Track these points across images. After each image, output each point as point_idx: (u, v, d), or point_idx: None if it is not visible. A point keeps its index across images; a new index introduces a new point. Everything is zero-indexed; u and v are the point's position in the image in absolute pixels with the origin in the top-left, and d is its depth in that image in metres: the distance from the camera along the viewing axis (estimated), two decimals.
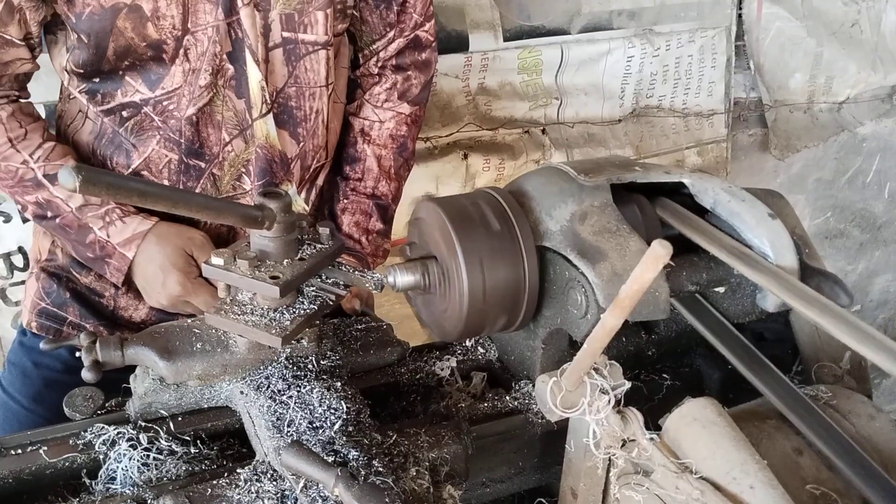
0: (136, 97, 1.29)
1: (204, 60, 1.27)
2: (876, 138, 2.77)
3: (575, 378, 0.84)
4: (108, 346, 0.95)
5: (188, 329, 0.98)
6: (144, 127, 1.31)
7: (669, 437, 0.84)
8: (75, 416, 0.96)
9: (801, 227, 1.04)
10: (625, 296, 0.72)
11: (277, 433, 0.87)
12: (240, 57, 1.29)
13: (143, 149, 1.32)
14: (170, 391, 0.96)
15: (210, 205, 0.86)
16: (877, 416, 0.91)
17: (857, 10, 2.52)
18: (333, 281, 0.99)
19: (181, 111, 1.29)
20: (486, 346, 1.16)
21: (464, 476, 0.94)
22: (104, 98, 1.29)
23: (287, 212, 0.92)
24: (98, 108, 1.30)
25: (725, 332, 0.97)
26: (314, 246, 0.97)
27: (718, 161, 2.49)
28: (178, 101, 1.29)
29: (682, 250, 1.00)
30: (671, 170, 1.07)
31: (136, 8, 1.21)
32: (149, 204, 0.79)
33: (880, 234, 2.98)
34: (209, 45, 1.26)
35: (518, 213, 0.98)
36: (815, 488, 0.82)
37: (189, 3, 1.23)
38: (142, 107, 1.29)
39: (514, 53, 2.12)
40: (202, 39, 1.26)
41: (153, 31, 1.23)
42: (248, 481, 0.85)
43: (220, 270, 0.92)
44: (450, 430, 0.95)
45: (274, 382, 0.94)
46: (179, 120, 1.30)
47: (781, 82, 2.52)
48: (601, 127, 2.30)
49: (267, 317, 0.92)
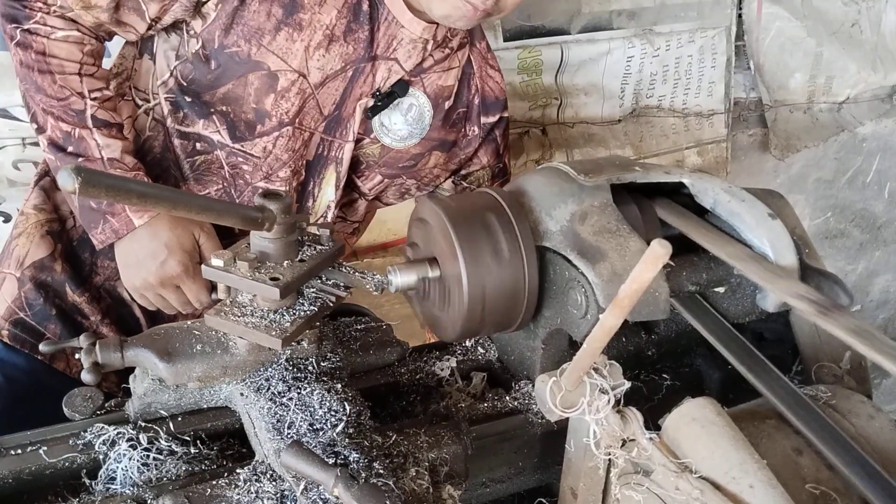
0: (216, 137, 1.31)
1: (287, 152, 1.33)
2: (876, 138, 2.77)
3: (575, 378, 0.84)
4: (107, 347, 0.94)
5: (188, 331, 0.97)
6: (213, 170, 1.34)
7: (669, 436, 0.84)
8: (74, 417, 0.96)
9: (801, 227, 1.04)
10: (624, 295, 0.72)
11: (278, 435, 0.87)
12: (318, 171, 1.38)
13: (200, 188, 1.34)
14: (169, 392, 0.96)
15: (211, 206, 0.86)
16: (877, 416, 0.91)
17: (857, 10, 2.52)
18: (334, 282, 0.99)
19: (253, 178, 1.34)
20: (486, 346, 1.16)
21: (463, 476, 0.94)
22: (184, 119, 1.31)
23: (287, 213, 0.91)
24: (176, 126, 1.32)
25: (725, 332, 0.97)
26: (314, 247, 0.97)
27: (718, 161, 2.49)
28: (254, 170, 1.33)
29: (682, 250, 1.00)
30: (671, 170, 1.07)
31: (273, 77, 1.26)
32: (149, 205, 0.79)
33: (880, 234, 2.97)
34: (299, 147, 1.33)
35: (518, 213, 0.98)
36: (814, 488, 0.82)
37: (309, 105, 1.30)
38: (216, 149, 1.32)
39: (514, 53, 2.11)
40: (298, 138, 1.32)
41: (268, 104, 1.28)
42: (247, 481, 0.85)
43: (219, 272, 0.91)
44: (449, 431, 0.95)
45: (274, 384, 0.94)
46: (247, 184, 1.34)
47: (781, 82, 2.52)
48: (601, 127, 2.30)
49: (267, 318, 0.92)
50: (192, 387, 0.96)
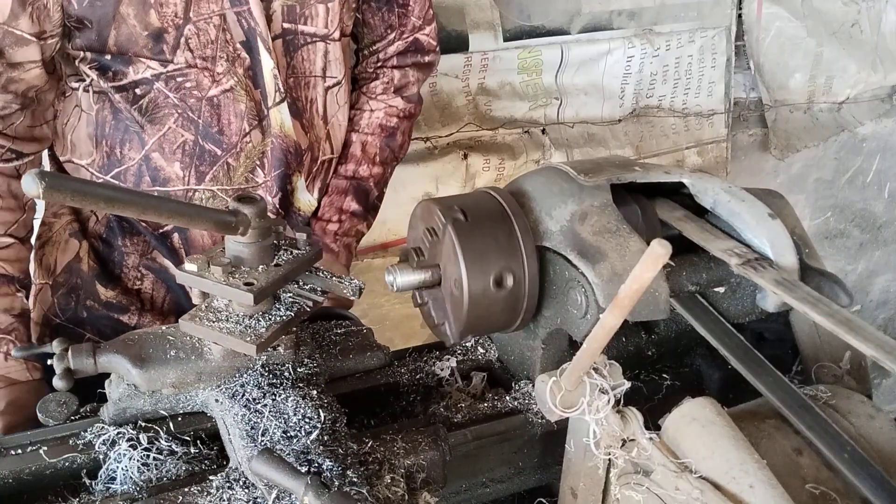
0: (148, 73, 1.27)
1: (216, 48, 1.27)
2: (876, 138, 2.77)
3: (575, 378, 0.84)
4: (80, 353, 0.92)
5: (162, 336, 0.95)
6: (160, 104, 1.29)
7: (669, 436, 0.84)
8: (48, 422, 0.95)
9: (801, 227, 1.04)
10: (624, 295, 0.72)
11: (251, 442, 0.85)
12: (253, 46, 1.30)
13: (159, 127, 1.30)
14: (144, 397, 0.94)
15: (181, 210, 0.83)
16: (876, 416, 0.91)
17: (857, 10, 2.52)
18: (311, 287, 0.97)
19: (202, 91, 1.29)
20: (486, 346, 1.16)
21: (441, 482, 0.92)
22: (115, 75, 1.27)
23: (262, 217, 0.89)
24: (110, 85, 1.28)
25: (725, 332, 0.97)
26: (291, 252, 0.95)
27: (718, 161, 2.49)
28: (199, 80, 1.28)
29: (682, 250, 1.00)
30: (671, 170, 1.07)
31: None
32: (116, 210, 0.76)
33: (880, 234, 2.97)
34: (218, 34, 1.26)
35: (518, 213, 0.98)
36: (814, 488, 0.82)
37: None
38: (154, 82, 1.28)
39: (514, 53, 2.12)
40: (205, 28, 1.26)
41: (155, 19, 1.22)
42: (220, 489, 0.84)
43: (193, 277, 0.89)
44: (427, 437, 0.93)
45: (249, 390, 0.92)
46: (200, 100, 1.29)
47: (781, 82, 2.52)
48: (601, 127, 2.30)
49: (242, 324, 0.90)
50: (166, 392, 0.94)
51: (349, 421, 1.05)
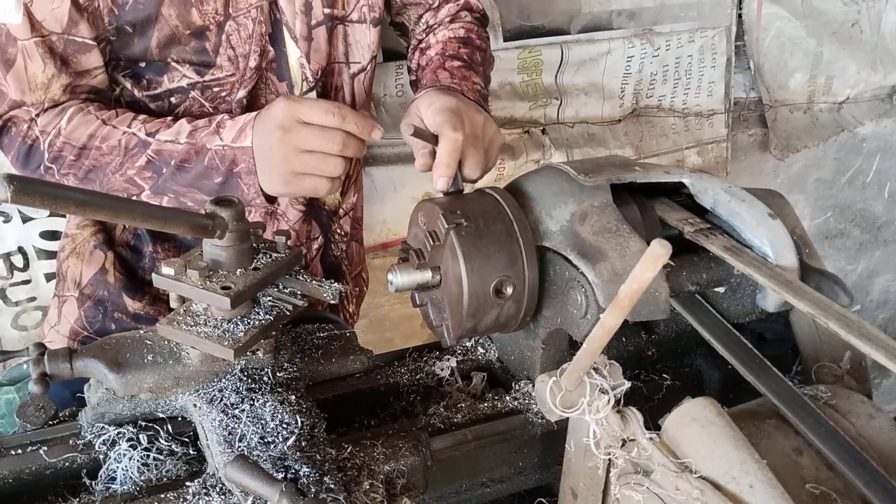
0: (184, 82, 1.26)
1: (252, 42, 1.26)
2: (876, 138, 2.77)
3: (575, 378, 0.84)
4: (56, 358, 0.91)
5: (140, 340, 0.94)
6: (194, 112, 1.28)
7: (669, 436, 0.84)
8: (26, 427, 0.94)
9: (801, 227, 1.04)
10: (624, 295, 0.72)
11: (229, 448, 0.85)
12: (279, 38, 1.29)
13: None
14: (123, 402, 0.93)
15: (156, 214, 0.81)
16: (876, 416, 0.91)
17: (857, 10, 2.52)
18: (290, 290, 0.96)
19: (232, 95, 1.28)
20: (486, 346, 1.16)
21: (422, 488, 0.92)
22: (150, 84, 1.26)
23: (240, 220, 0.88)
24: (144, 94, 1.27)
25: (725, 332, 0.97)
26: (270, 255, 0.94)
27: (718, 161, 2.49)
28: (231, 87, 1.27)
29: (682, 250, 1.00)
30: (671, 170, 1.07)
31: None
32: (88, 213, 0.74)
33: (880, 234, 2.97)
34: (255, 27, 1.25)
35: (518, 213, 0.98)
36: (814, 488, 0.82)
37: None
38: (189, 91, 1.26)
39: (513, 53, 2.11)
40: (245, 23, 1.25)
41: (197, 17, 1.22)
42: (196, 495, 0.83)
43: (170, 281, 0.88)
44: (407, 442, 0.92)
45: (227, 395, 0.91)
46: (230, 104, 1.28)
47: (781, 82, 2.52)
48: (601, 127, 2.30)
49: (220, 328, 0.89)
50: (143, 397, 0.94)
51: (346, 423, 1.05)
